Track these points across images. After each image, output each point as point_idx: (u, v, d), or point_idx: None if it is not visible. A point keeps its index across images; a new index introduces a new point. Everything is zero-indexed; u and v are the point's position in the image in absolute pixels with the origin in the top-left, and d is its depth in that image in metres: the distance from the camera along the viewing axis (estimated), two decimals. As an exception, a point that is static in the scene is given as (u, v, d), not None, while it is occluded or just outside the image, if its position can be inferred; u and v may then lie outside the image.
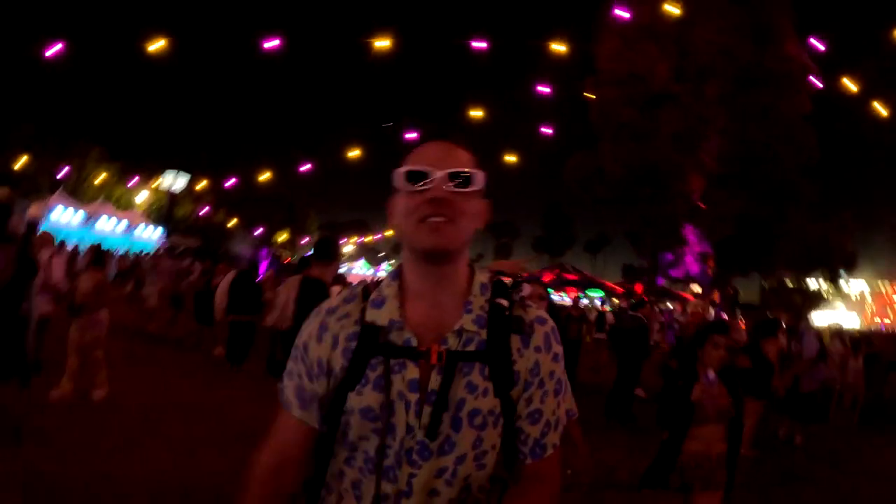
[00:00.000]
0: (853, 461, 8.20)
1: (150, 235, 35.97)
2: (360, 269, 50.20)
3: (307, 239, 65.01)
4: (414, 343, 1.33)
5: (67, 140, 41.45)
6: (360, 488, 1.35)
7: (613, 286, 29.64)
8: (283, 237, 61.81)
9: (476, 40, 17.01)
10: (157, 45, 14.83)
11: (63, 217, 30.96)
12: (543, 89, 19.15)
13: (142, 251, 28.67)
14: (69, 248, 17.41)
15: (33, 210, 29.91)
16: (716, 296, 23.43)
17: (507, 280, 1.45)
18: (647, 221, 24.78)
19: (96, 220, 32.98)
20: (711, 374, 3.87)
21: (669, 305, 24.01)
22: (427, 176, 1.31)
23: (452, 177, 1.32)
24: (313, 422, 1.40)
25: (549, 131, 21.37)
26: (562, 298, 43.57)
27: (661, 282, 26.14)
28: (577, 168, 25.13)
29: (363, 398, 1.31)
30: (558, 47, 16.89)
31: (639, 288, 24.43)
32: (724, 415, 3.83)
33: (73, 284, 7.61)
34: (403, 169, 1.34)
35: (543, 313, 1.45)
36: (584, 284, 38.16)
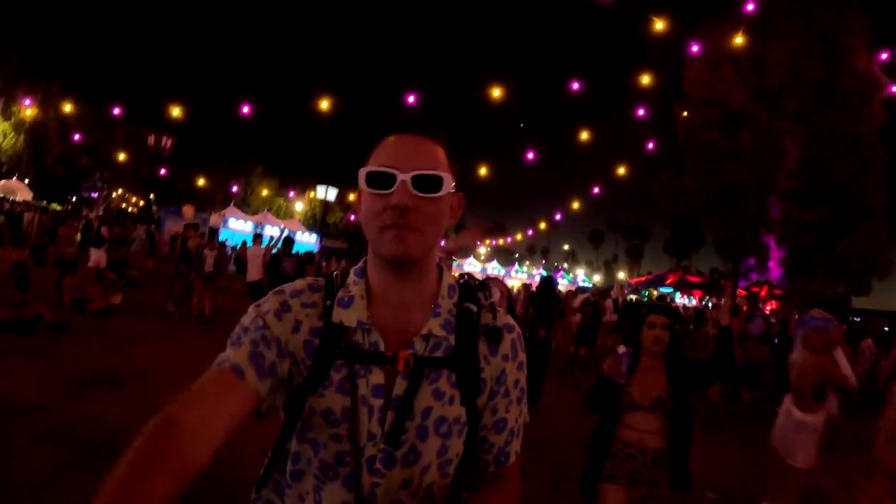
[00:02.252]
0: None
1: (308, 239, 41.12)
2: (492, 270, 53.61)
3: (443, 242, 69.86)
4: (381, 347, 1.26)
5: (236, 160, 48.24)
6: (321, 494, 1.27)
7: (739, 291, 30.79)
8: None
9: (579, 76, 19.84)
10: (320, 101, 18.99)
11: (237, 225, 36.64)
12: (641, 112, 22.08)
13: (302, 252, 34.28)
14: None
15: (213, 220, 36.32)
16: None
17: (474, 282, 1.39)
18: (726, 232, 27.15)
19: (263, 227, 38.88)
20: (622, 349, 3.68)
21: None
22: (392, 179, 1.22)
23: (418, 180, 1.22)
24: (265, 393, 1.23)
25: (651, 145, 24.31)
26: (687, 301, 45.02)
27: (743, 284, 28.35)
28: (665, 185, 27.94)
29: (324, 400, 1.24)
30: (647, 78, 19.83)
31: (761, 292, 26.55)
32: (658, 404, 3.50)
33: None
34: (366, 170, 1.25)
35: (510, 319, 1.40)
36: (708, 287, 39.57)
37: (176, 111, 18.60)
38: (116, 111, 23.68)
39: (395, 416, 1.24)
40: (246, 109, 18.56)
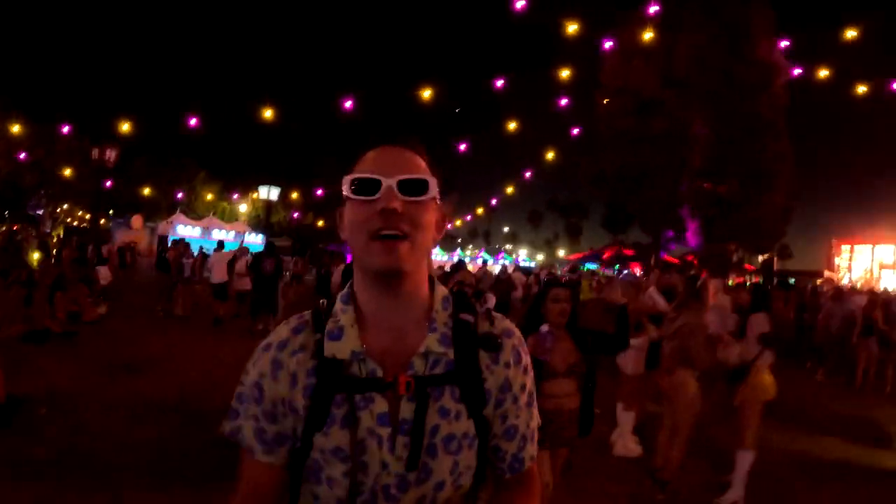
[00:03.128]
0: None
1: (255, 240, 42.19)
2: (435, 256, 54.96)
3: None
4: (379, 374, 1.23)
5: (178, 167, 48.99)
6: None
7: (670, 259, 32.45)
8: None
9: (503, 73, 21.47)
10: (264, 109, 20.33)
11: (185, 231, 37.62)
12: (563, 101, 23.97)
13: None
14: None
15: (162, 227, 37.29)
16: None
17: (467, 289, 1.56)
18: (643, 209, 29.80)
19: (210, 231, 40.06)
20: (545, 328, 3.86)
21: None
22: (377, 185, 1.21)
23: (404, 185, 1.21)
24: (281, 462, 1.29)
25: (576, 131, 26.43)
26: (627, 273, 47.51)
27: (664, 255, 31.04)
28: (585, 169, 30.31)
29: (330, 439, 1.21)
30: (566, 72, 21.71)
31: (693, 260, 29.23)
32: (573, 370, 3.83)
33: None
34: (351, 176, 1.24)
35: (510, 324, 1.39)
36: (643, 258, 42.03)
37: (118, 123, 19.21)
38: (64, 128, 24.60)
39: (409, 440, 1.20)
40: (191, 119, 19.65)
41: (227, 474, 1.47)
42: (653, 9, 21.09)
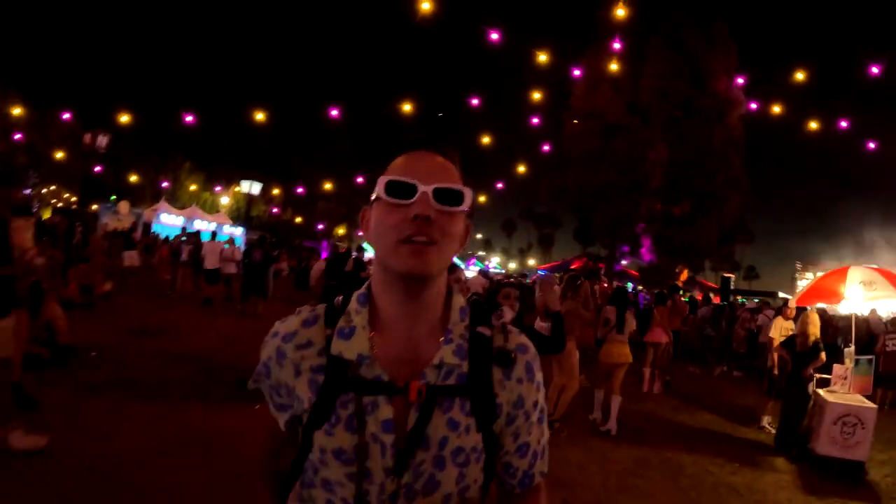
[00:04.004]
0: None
1: (235, 232, 43.68)
2: None
3: (362, 233, 73.43)
4: (385, 379, 1.23)
5: (165, 156, 50.55)
6: None
7: (633, 272, 35.37)
8: (341, 230, 70.19)
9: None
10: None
11: (168, 220, 39.02)
12: (535, 120, 25.97)
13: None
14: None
15: (147, 214, 38.80)
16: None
17: (483, 300, 1.44)
18: (599, 224, 32.15)
19: (192, 221, 41.56)
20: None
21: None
22: (412, 190, 1.20)
23: (440, 193, 1.21)
24: (281, 425, 1.37)
25: (547, 148, 28.59)
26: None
27: (619, 267, 33.41)
28: (549, 184, 32.50)
29: (334, 439, 1.22)
30: (538, 94, 23.62)
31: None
32: None
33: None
34: (386, 178, 1.23)
35: (525, 340, 1.38)
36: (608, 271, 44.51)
37: (112, 111, 20.59)
38: (63, 114, 26.12)
39: (403, 447, 1.19)
40: (180, 112, 21.27)
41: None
42: (617, 45, 23.08)
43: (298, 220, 62.55)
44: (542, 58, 21.32)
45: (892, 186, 54.83)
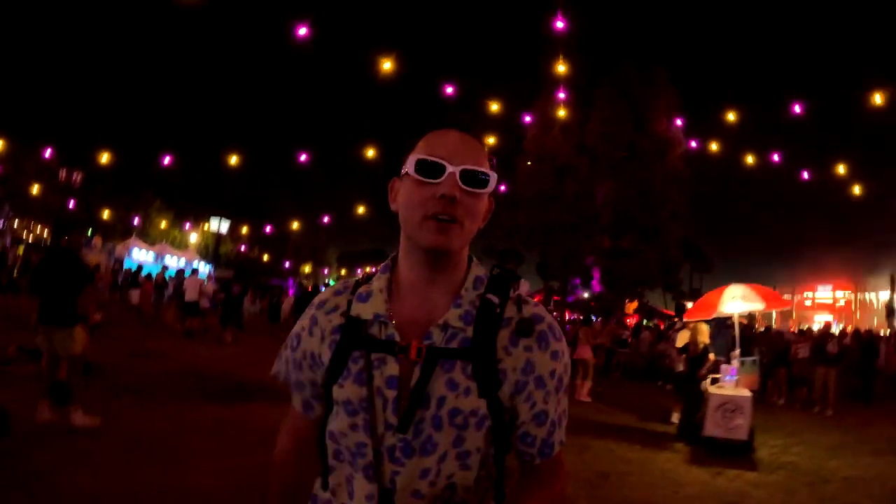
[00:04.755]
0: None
1: (202, 269, 44.72)
2: None
3: (327, 270, 75.14)
4: (396, 338, 1.30)
5: (136, 194, 51.74)
6: (352, 484, 1.34)
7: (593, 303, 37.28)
8: (307, 269, 71.75)
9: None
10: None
11: (139, 255, 40.08)
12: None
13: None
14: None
15: (119, 250, 39.85)
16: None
17: (507, 273, 1.40)
18: (550, 260, 34.54)
19: (163, 257, 42.74)
20: None
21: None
22: (441, 169, 1.27)
23: (466, 174, 1.28)
24: (297, 406, 1.49)
25: (503, 188, 30.67)
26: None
27: (571, 299, 35.51)
28: (501, 223, 34.16)
29: (344, 391, 1.31)
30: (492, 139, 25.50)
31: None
32: None
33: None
34: (417, 156, 1.30)
35: (541, 310, 1.40)
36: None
37: (88, 149, 22.09)
38: (44, 151, 27.22)
39: (406, 404, 1.26)
40: (154, 152, 22.68)
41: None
42: (562, 95, 25.10)
43: (266, 258, 64.08)
44: (495, 107, 23.20)
45: (828, 210, 58.82)
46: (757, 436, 9.62)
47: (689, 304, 14.15)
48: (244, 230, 52.30)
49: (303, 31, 12.92)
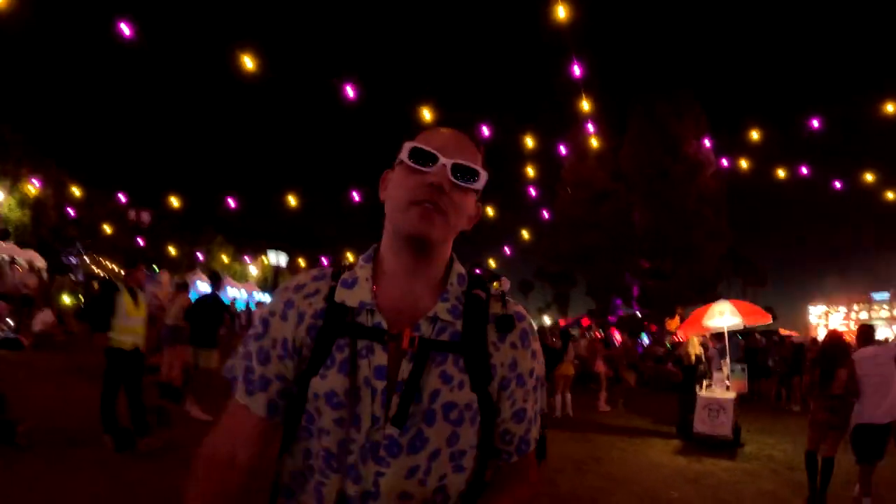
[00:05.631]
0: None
1: (264, 300, 47.23)
2: None
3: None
4: (384, 326, 1.27)
5: (198, 231, 55.14)
6: (322, 491, 1.26)
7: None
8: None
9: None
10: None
11: (203, 287, 42.61)
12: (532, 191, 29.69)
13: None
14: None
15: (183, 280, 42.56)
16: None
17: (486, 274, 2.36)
18: (591, 281, 35.94)
19: (225, 289, 45.41)
20: None
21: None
22: (433, 159, 1.28)
23: (457, 168, 1.29)
24: (259, 410, 1.32)
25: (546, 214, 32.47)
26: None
27: (613, 319, 36.92)
28: (544, 249, 35.94)
29: (327, 382, 1.25)
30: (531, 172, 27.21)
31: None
32: None
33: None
34: (411, 144, 1.31)
35: (521, 309, 1.42)
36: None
37: (156, 192, 24.60)
38: (109, 192, 29.95)
39: (400, 397, 1.22)
40: (216, 195, 25.09)
41: None
42: (590, 127, 26.64)
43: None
44: (529, 142, 24.63)
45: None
46: (753, 436, 11.15)
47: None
48: (301, 262, 54.98)
49: (350, 91, 15.04)
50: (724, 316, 11.53)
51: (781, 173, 22.90)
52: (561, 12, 11.19)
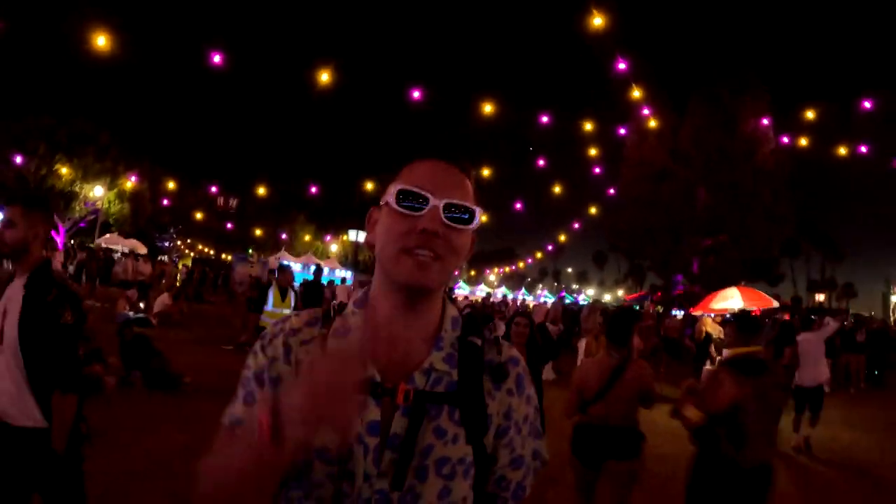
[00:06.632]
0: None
1: (344, 275, 49.94)
2: (500, 294, 59.23)
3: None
4: (377, 379, 1.22)
5: (282, 212, 58.51)
6: None
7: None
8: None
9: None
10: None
11: (295, 267, 45.53)
12: (597, 170, 31.00)
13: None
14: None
15: (271, 262, 45.73)
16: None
17: (478, 314, 2.80)
18: (654, 259, 37.37)
19: (309, 267, 48.17)
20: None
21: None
22: (424, 201, 1.22)
23: (450, 209, 1.23)
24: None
25: (612, 191, 33.97)
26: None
27: (675, 292, 37.92)
28: (609, 227, 37.51)
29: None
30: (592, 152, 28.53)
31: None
32: None
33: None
34: (398, 186, 1.24)
35: (516, 353, 1.40)
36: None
37: (244, 180, 26.68)
38: (200, 182, 32.89)
39: (397, 457, 1.18)
40: (299, 180, 27.31)
41: None
42: (651, 110, 27.57)
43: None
44: (588, 126, 25.64)
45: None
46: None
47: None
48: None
49: (416, 94, 17.20)
50: (729, 300, 12.99)
51: (843, 150, 22.55)
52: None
